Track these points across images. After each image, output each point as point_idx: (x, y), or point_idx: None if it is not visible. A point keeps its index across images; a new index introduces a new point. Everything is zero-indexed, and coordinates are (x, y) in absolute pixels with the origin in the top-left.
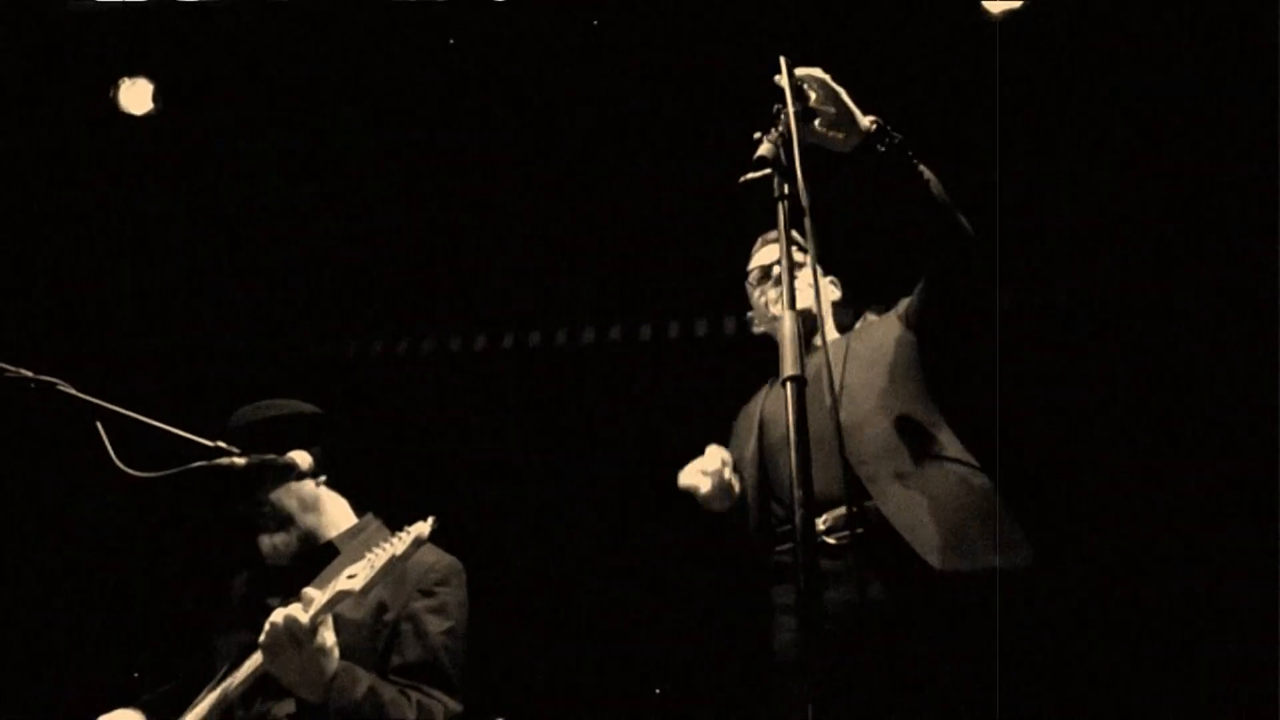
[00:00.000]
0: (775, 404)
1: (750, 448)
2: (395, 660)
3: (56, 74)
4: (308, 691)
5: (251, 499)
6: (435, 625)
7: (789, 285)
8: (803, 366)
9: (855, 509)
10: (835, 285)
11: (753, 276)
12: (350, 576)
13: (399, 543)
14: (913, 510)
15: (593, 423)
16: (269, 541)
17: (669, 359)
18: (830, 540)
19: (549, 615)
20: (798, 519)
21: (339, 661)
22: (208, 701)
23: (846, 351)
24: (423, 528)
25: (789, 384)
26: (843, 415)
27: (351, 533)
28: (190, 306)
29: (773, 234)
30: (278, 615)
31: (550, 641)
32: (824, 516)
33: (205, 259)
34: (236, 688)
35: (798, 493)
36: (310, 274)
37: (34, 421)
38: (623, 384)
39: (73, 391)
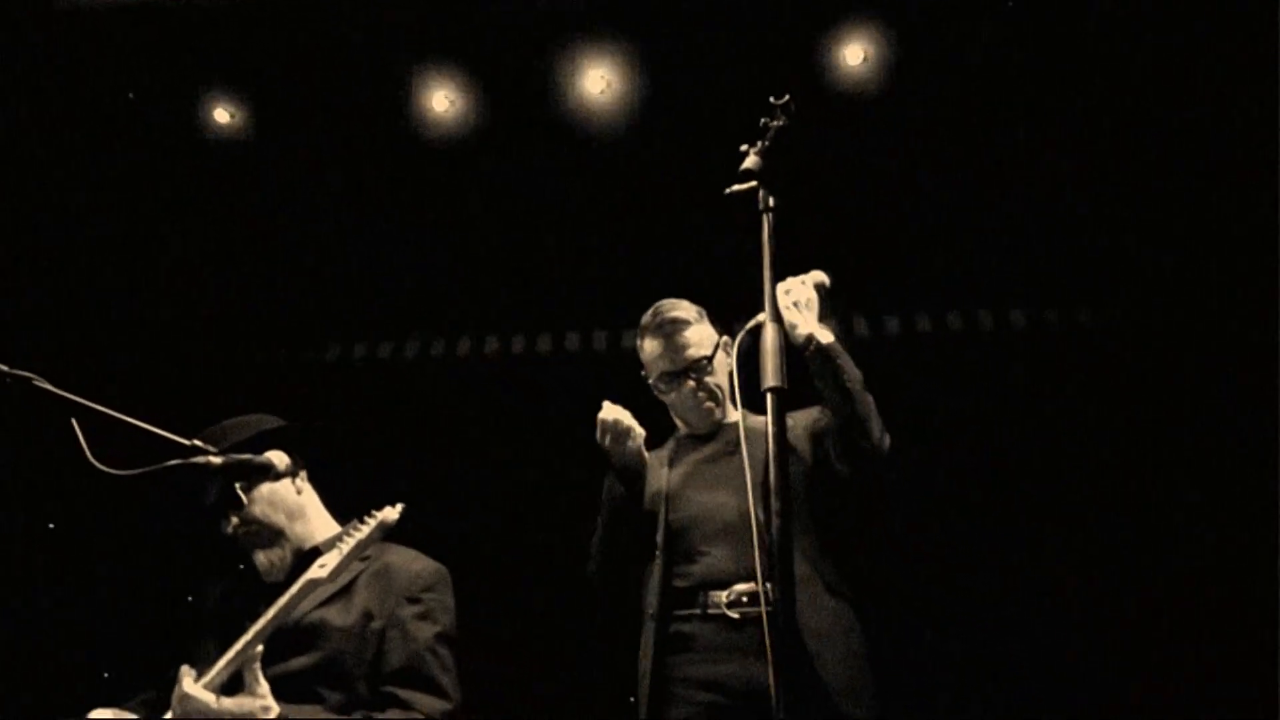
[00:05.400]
0: (679, 480)
1: (659, 522)
2: (383, 667)
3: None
4: None
5: (240, 518)
6: (421, 630)
7: (771, 296)
8: (783, 377)
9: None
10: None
11: (660, 380)
12: (320, 565)
13: (365, 527)
14: (817, 629)
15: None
16: (264, 559)
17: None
18: (734, 615)
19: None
20: (773, 547)
21: (276, 708)
22: None
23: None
24: (390, 513)
25: (770, 394)
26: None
27: (336, 537)
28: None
29: (681, 312)
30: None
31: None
32: (728, 590)
33: (193, 256)
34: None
35: (776, 519)
36: (308, 276)
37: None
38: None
39: (48, 387)
